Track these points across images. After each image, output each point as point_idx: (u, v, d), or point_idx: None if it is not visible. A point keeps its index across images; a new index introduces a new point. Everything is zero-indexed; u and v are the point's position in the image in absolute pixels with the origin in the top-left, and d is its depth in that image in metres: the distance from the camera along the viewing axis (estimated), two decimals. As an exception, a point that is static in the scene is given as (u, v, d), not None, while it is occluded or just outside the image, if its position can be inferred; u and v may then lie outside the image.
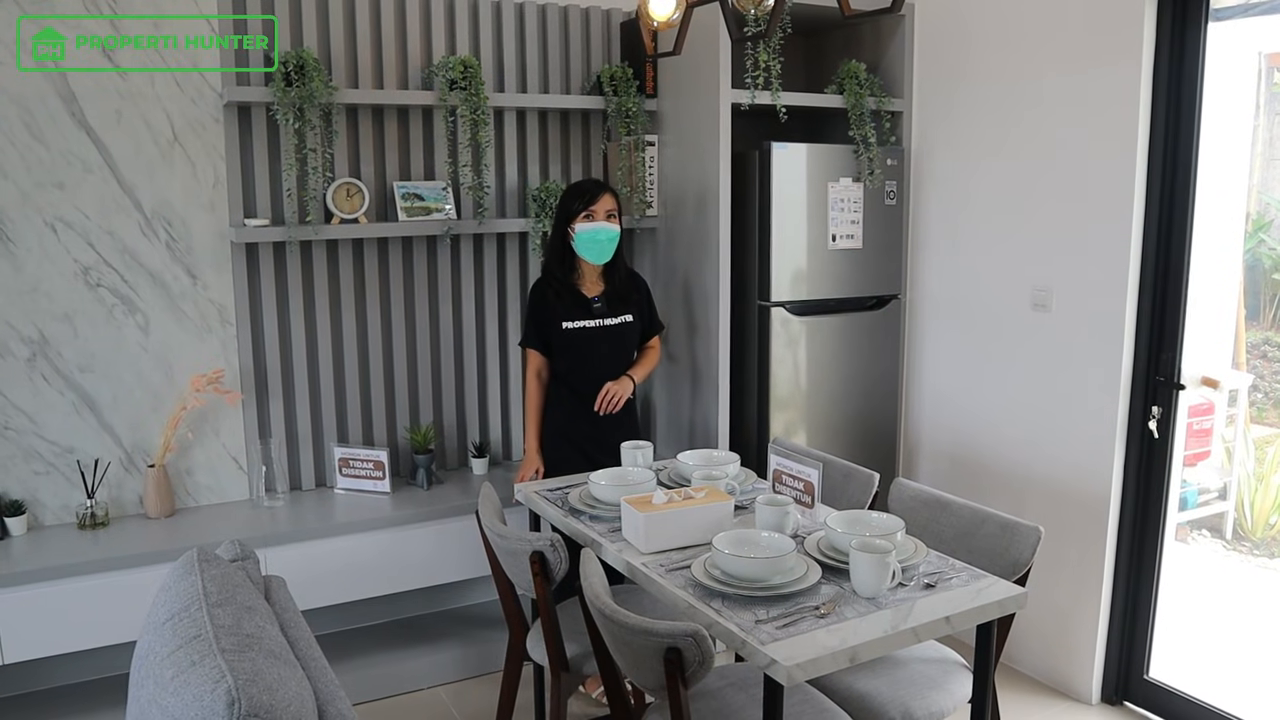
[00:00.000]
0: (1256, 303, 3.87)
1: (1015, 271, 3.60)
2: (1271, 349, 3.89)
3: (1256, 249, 3.85)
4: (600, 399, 3.43)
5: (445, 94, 3.55)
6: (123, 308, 3.38)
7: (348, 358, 3.75)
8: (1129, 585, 3.38)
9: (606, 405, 3.44)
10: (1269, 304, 3.88)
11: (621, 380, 3.48)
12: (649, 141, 3.92)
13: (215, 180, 3.44)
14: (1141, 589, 3.36)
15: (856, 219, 3.83)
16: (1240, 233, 3.60)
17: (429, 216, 3.65)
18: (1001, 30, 3.56)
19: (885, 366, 4.04)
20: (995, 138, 3.63)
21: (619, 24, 4.05)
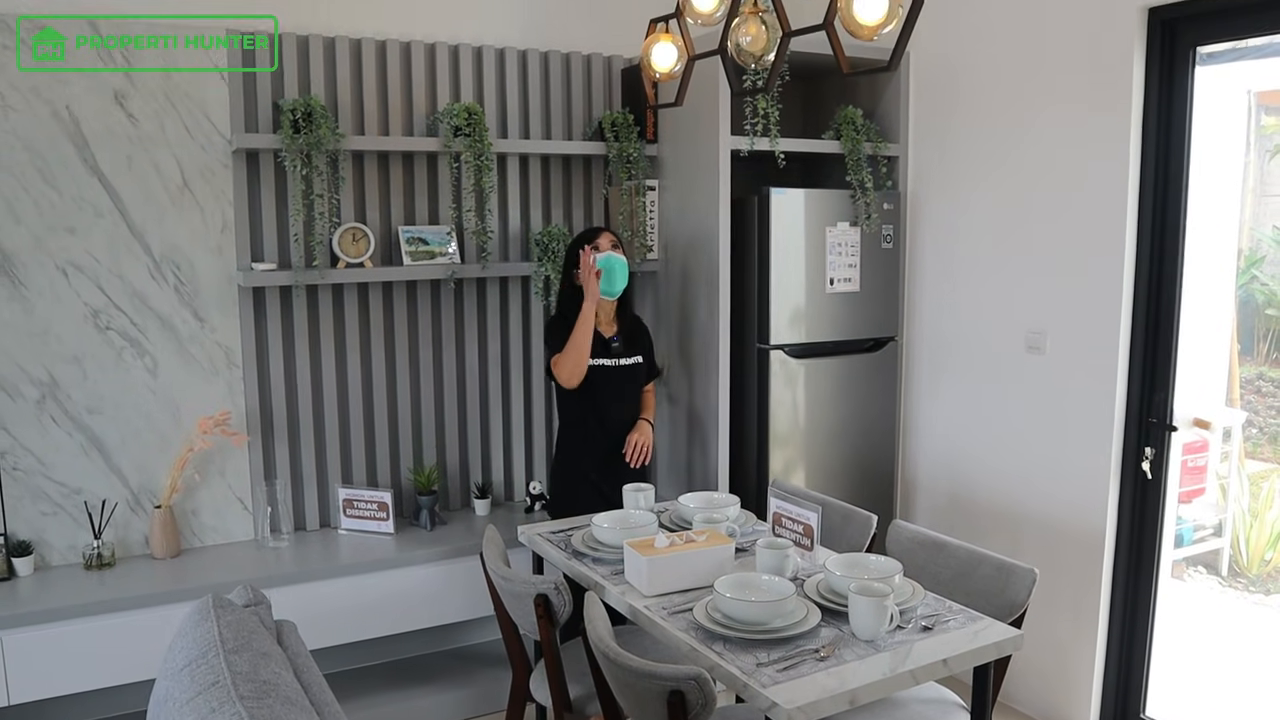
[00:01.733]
0: (1250, 338, 3.92)
1: (1009, 313, 3.66)
2: (1265, 384, 3.93)
3: (1249, 285, 3.90)
4: (631, 453, 3.52)
5: (450, 140, 3.62)
6: (131, 350, 3.43)
7: (352, 400, 3.79)
8: (1125, 623, 3.41)
9: (638, 457, 3.52)
10: (1262, 339, 3.93)
11: (642, 428, 3.57)
12: (650, 186, 3.99)
13: (223, 225, 3.50)
14: (1137, 627, 3.39)
15: (854, 262, 3.90)
16: (1233, 269, 3.65)
17: (433, 260, 3.71)
18: (994, 75, 3.64)
19: (883, 408, 4.09)
20: (989, 182, 3.70)
21: (620, 70, 4.13)
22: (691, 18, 2.72)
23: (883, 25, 2.14)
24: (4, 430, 3.29)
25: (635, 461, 3.52)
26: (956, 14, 3.73)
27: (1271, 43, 3.16)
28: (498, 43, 3.91)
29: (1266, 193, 3.85)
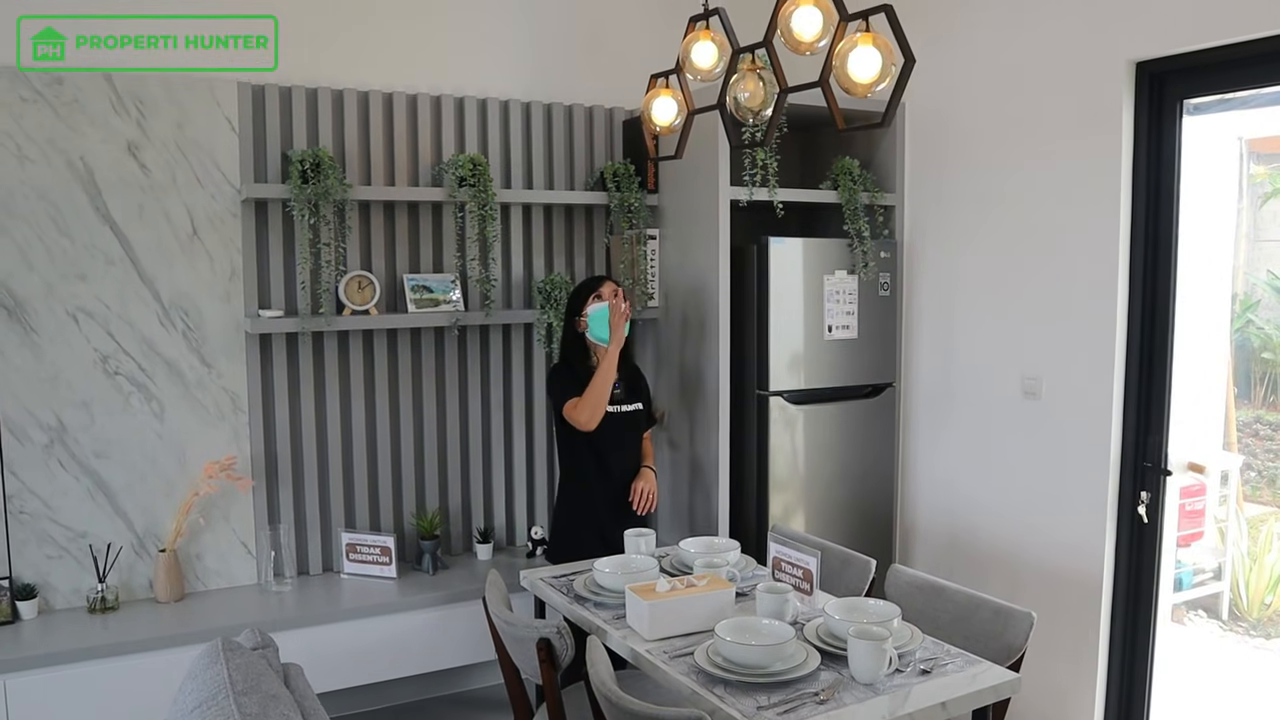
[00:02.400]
0: (1247, 381, 3.96)
1: (1005, 359, 3.71)
2: (1263, 427, 3.96)
3: (1245, 328, 3.94)
4: (637, 500, 3.54)
5: (454, 190, 3.70)
6: (139, 395, 3.48)
7: (356, 445, 3.84)
8: (1124, 667, 3.43)
9: (644, 504, 3.56)
10: (1259, 383, 3.96)
11: (646, 475, 3.60)
12: (650, 235, 4.06)
13: (232, 272, 3.57)
14: (1136, 671, 3.40)
15: (851, 310, 3.95)
16: (1228, 313, 3.70)
17: (437, 308, 3.77)
18: (988, 127, 3.73)
19: (881, 453, 4.12)
20: (984, 230, 3.77)
21: (621, 122, 4.21)
22: (691, 74, 2.81)
23: (876, 83, 2.22)
24: (12, 474, 3.32)
25: (642, 509, 3.55)
26: (950, 67, 3.82)
27: (1259, 93, 3.24)
28: (502, 95, 4.00)
29: (1260, 238, 3.90)
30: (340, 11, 3.75)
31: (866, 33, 2.21)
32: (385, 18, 3.83)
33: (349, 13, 3.76)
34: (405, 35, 3.86)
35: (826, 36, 2.34)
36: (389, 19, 3.83)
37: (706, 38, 2.76)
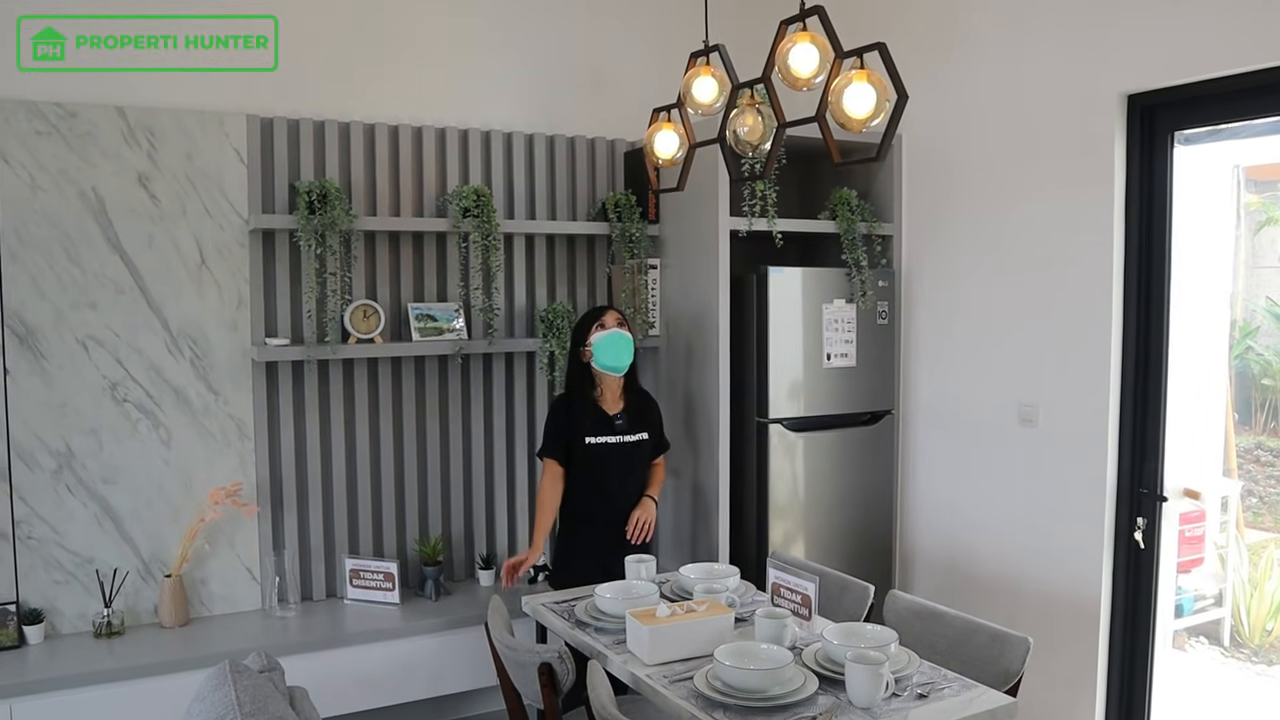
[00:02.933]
0: (1247, 408, 3.97)
1: (1002, 387, 3.75)
2: (1264, 453, 3.98)
3: (1245, 355, 3.97)
4: (633, 530, 3.57)
5: (458, 221, 3.75)
6: (147, 422, 3.52)
7: (360, 472, 3.87)
8: (1123, 693, 3.44)
9: (639, 533, 3.58)
10: (1259, 409, 3.98)
11: (645, 505, 3.63)
12: (651, 265, 4.12)
13: (239, 301, 3.62)
14: (1135, 698, 3.42)
15: (850, 338, 4.00)
16: (1226, 340, 3.73)
17: (441, 336, 3.82)
18: (983, 158, 3.78)
19: (880, 479, 4.16)
20: (980, 259, 3.82)
21: (623, 153, 4.28)
22: (692, 108, 2.87)
23: (871, 118, 2.27)
24: (21, 500, 3.36)
25: (636, 538, 3.58)
26: (947, 100, 3.88)
27: (1252, 123, 3.29)
28: (505, 127, 4.07)
29: (1259, 264, 3.94)
30: (348, 46, 3.82)
31: (861, 69, 2.27)
32: (392, 52, 3.90)
33: (357, 48, 3.84)
34: (411, 69, 3.93)
35: (823, 73, 2.40)
36: (396, 53, 3.91)
37: (707, 73, 2.82)
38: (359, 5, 3.85)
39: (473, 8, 4.06)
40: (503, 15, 4.12)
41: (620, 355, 3.54)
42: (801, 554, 3.94)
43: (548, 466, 3.62)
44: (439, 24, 3.99)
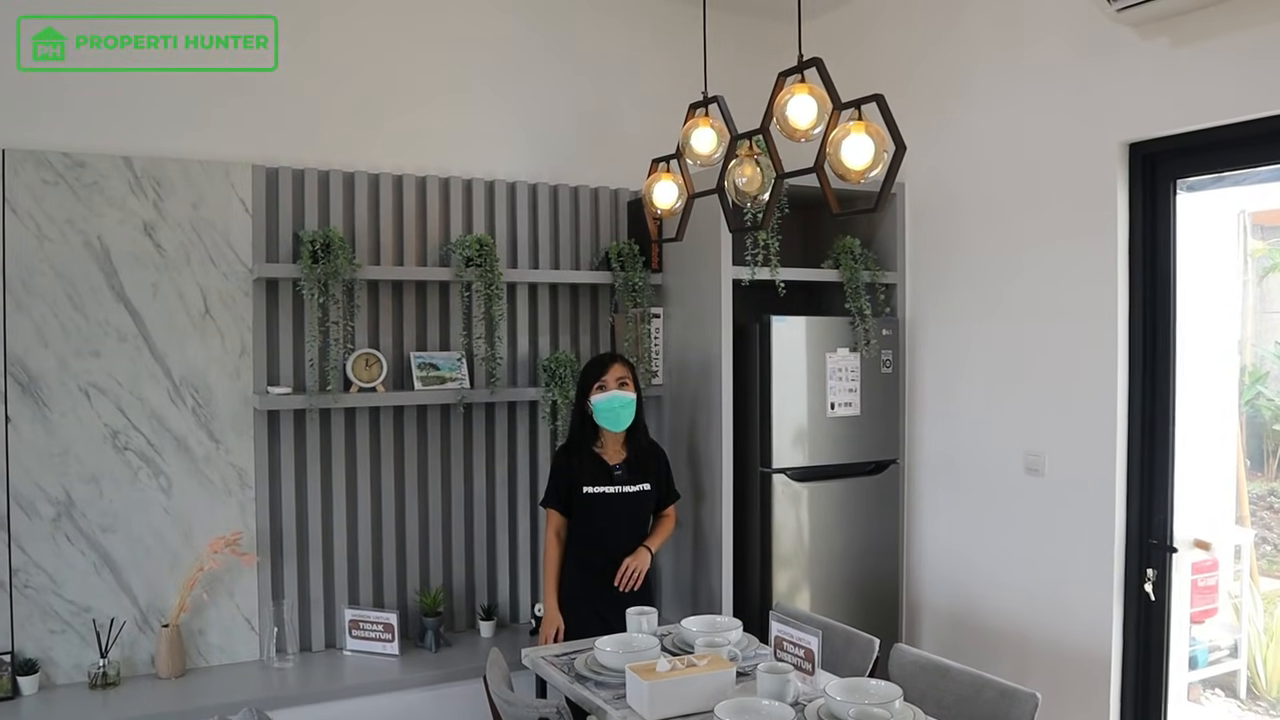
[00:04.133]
0: (1259, 454, 3.92)
1: (1008, 436, 3.72)
2: (1277, 499, 3.92)
3: (1255, 400, 3.93)
4: (621, 576, 3.53)
5: (461, 270, 3.76)
6: (147, 470, 3.51)
7: (361, 521, 3.85)
8: (1134, 751, 3.38)
9: (627, 582, 3.54)
10: (1271, 455, 3.93)
11: (639, 554, 3.59)
12: (654, 314, 4.12)
13: (242, 349, 3.62)
14: (1147, 755, 3.36)
15: (854, 387, 3.98)
16: (1236, 386, 3.70)
17: (444, 385, 3.81)
18: (986, 206, 3.79)
19: (885, 530, 4.12)
20: (984, 307, 3.81)
21: (626, 203, 4.30)
22: (691, 158, 2.88)
23: (869, 169, 2.28)
24: (19, 548, 3.34)
25: (624, 586, 3.54)
26: (948, 147, 3.90)
27: (1254, 171, 3.28)
28: (509, 176, 4.09)
29: (1266, 309, 3.91)
30: (353, 97, 3.86)
31: (859, 120, 2.28)
32: (396, 103, 3.94)
33: (361, 98, 3.88)
34: (415, 120, 3.97)
35: (821, 124, 2.41)
36: (400, 104, 3.94)
37: (706, 124, 2.83)
38: (364, 56, 3.89)
39: (476, 59, 4.10)
40: (507, 66, 4.16)
41: (618, 419, 3.55)
42: (806, 605, 3.90)
43: (550, 516, 3.62)
44: (443, 75, 4.03)
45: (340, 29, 3.85)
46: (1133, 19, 3.17)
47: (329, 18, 3.82)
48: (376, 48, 3.92)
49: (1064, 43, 3.48)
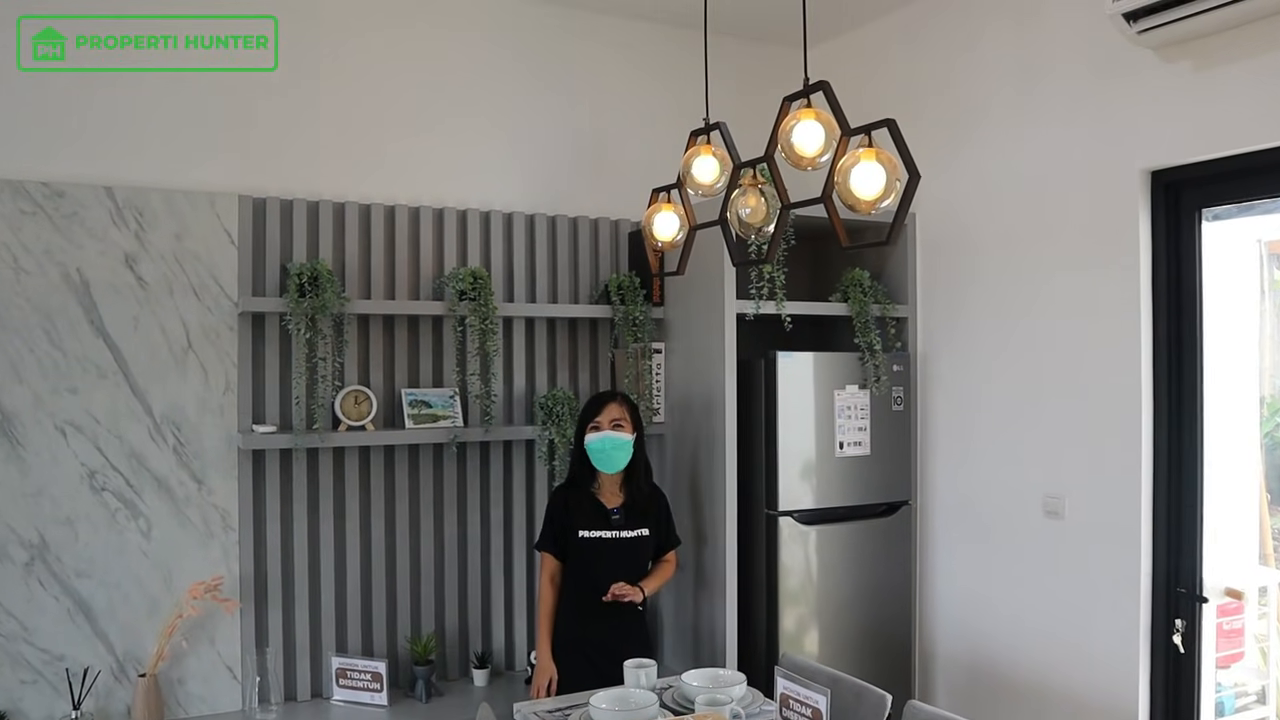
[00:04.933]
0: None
1: (1026, 477, 3.58)
2: (1303, 537, 3.79)
3: (1274, 432, 3.81)
4: (611, 590, 3.34)
5: (455, 304, 3.64)
6: (126, 512, 3.37)
7: (350, 565, 3.70)
8: (1163, 812, 3.20)
9: (614, 594, 3.35)
10: (1293, 490, 3.80)
11: (634, 589, 3.41)
12: (655, 349, 3.99)
13: (226, 386, 3.49)
14: (1177, 818, 3.18)
15: (864, 425, 3.84)
16: (1256, 418, 3.57)
17: (436, 424, 3.68)
18: (1001, 235, 3.67)
19: (897, 575, 3.96)
20: (1000, 341, 3.68)
21: (627, 234, 4.17)
22: (692, 188, 2.74)
23: (880, 199, 2.14)
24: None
25: (610, 596, 3.34)
26: (962, 175, 3.79)
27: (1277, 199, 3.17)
28: (505, 207, 3.98)
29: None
30: (344, 126, 3.76)
31: (869, 148, 2.14)
32: (389, 132, 3.83)
33: (353, 127, 3.77)
34: (409, 148, 3.86)
35: (829, 151, 2.27)
36: (393, 133, 3.84)
37: (708, 152, 2.70)
38: (356, 84, 3.79)
39: (471, 86, 4.00)
40: (503, 93, 4.05)
41: (611, 461, 3.40)
42: (814, 654, 3.73)
43: (544, 561, 3.47)
44: (437, 102, 3.93)
45: (331, 57, 3.75)
46: (1154, 41, 3.06)
47: (320, 45, 3.72)
48: (369, 75, 3.82)
49: (1082, 66, 3.37)
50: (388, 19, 3.85)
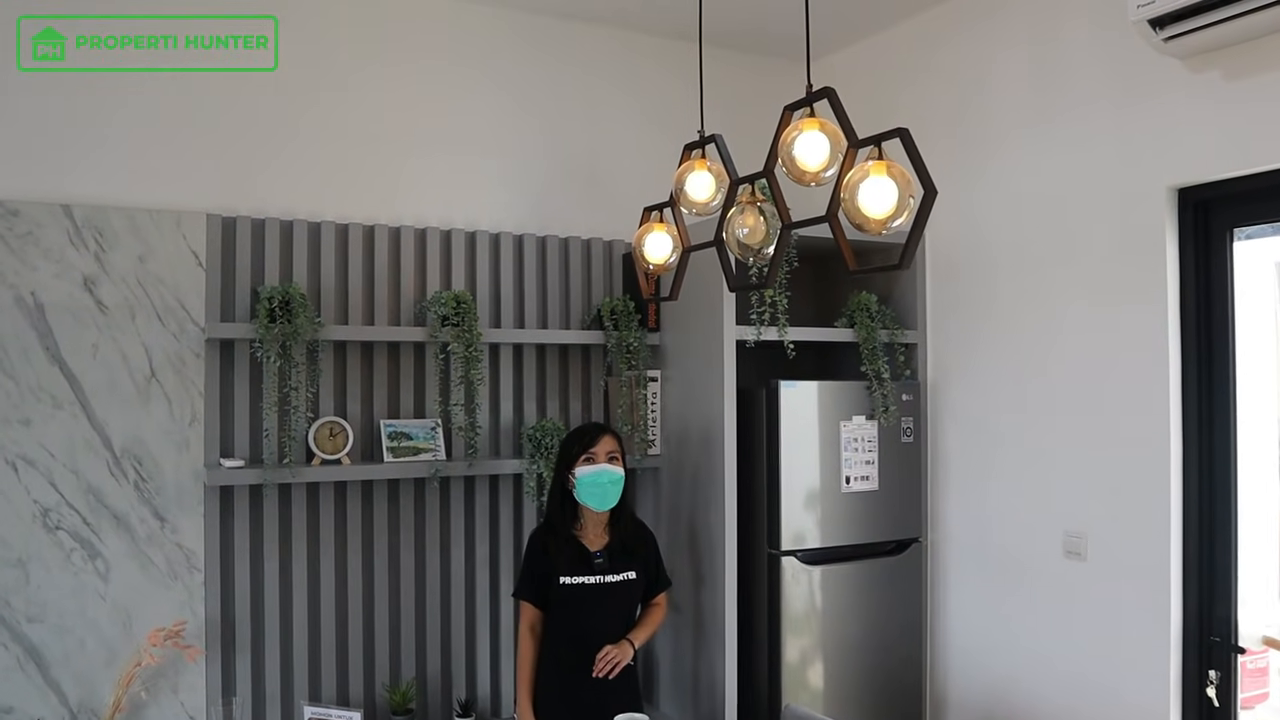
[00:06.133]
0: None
1: (1044, 514, 3.36)
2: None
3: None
4: (599, 662, 3.12)
5: (437, 330, 3.44)
6: (82, 552, 3.16)
7: (324, 608, 3.47)
8: None
9: (604, 668, 3.12)
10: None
11: (621, 645, 3.16)
12: (651, 377, 3.78)
13: (192, 417, 3.29)
14: None
15: (871, 459, 3.62)
16: (1277, 448, 3.38)
17: (416, 457, 3.47)
18: (1017, 256, 3.47)
19: (907, 617, 3.72)
20: (1016, 369, 3.47)
21: (621, 255, 3.98)
22: (686, 207, 2.54)
23: (892, 217, 1.93)
24: (-69, 644, 2.99)
25: (599, 672, 3.11)
26: (975, 192, 3.59)
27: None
28: (492, 226, 3.78)
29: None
30: (321, 140, 3.57)
31: (880, 160, 1.93)
32: (368, 146, 3.63)
33: (329, 142, 3.58)
34: (389, 164, 3.66)
35: (834, 164, 2.07)
36: (372, 148, 3.64)
37: (702, 167, 2.49)
38: (332, 97, 3.60)
39: (456, 99, 3.80)
40: (490, 107, 3.85)
41: (605, 497, 3.15)
42: (819, 702, 3.50)
43: (524, 610, 3.21)
44: (419, 116, 3.73)
45: (306, 67, 3.56)
46: (1181, 50, 2.86)
47: (296, 56, 3.52)
48: (347, 87, 3.62)
49: (1104, 77, 3.17)
50: (367, 29, 3.67)
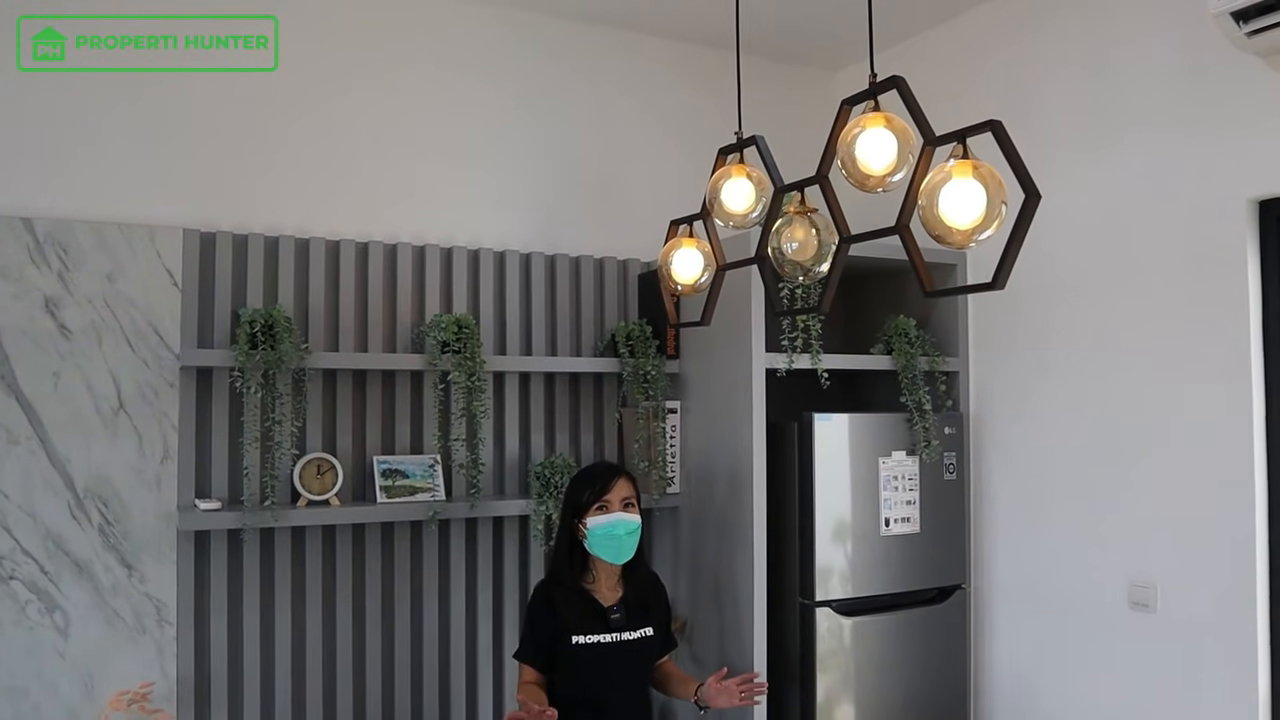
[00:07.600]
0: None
1: (1105, 560, 3.09)
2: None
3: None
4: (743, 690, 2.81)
5: (436, 357, 3.18)
6: (39, 605, 2.87)
7: (310, 665, 3.19)
8: None
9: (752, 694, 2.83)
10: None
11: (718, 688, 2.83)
12: (670, 409, 3.53)
13: (164, 454, 3.01)
14: None
15: (913, 499, 3.33)
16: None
17: (413, 497, 3.20)
18: (1074, 276, 3.20)
19: (951, 672, 3.44)
20: (1072, 399, 3.21)
21: (636, 276, 3.73)
22: (721, 219, 2.25)
23: (980, 228, 1.64)
24: None
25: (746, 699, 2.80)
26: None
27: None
28: (497, 244, 3.54)
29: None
30: (311, 150, 3.34)
31: (964, 160, 1.63)
32: (362, 157, 3.40)
33: (320, 153, 3.35)
34: (384, 176, 3.43)
35: (903, 167, 1.77)
36: (366, 158, 3.41)
37: (741, 173, 2.22)
38: (324, 102, 3.37)
39: (458, 107, 3.57)
40: (495, 115, 3.62)
41: (621, 550, 2.80)
42: (858, 769, 3.19)
43: (523, 673, 2.83)
44: (418, 125, 3.50)
45: (298, 71, 3.33)
46: (1265, 46, 2.60)
47: (287, 59, 3.31)
48: (340, 93, 3.39)
49: (1173, 79, 2.91)
50: (367, 30, 3.46)
